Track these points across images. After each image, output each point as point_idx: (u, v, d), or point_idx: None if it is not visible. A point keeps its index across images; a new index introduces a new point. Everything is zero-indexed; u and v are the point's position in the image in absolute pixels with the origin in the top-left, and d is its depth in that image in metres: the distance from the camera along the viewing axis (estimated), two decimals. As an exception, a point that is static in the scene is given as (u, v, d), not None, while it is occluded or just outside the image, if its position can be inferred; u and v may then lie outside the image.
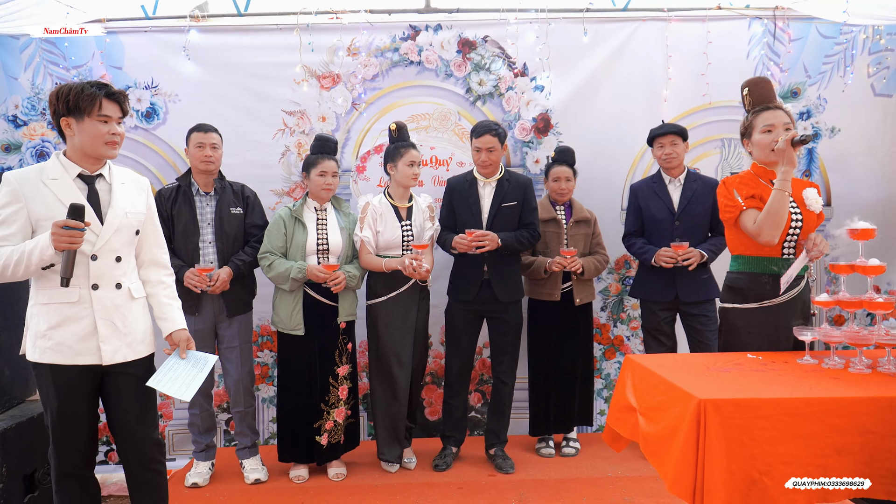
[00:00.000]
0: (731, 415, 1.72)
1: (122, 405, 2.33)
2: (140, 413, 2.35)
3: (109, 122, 2.23)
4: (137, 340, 2.34)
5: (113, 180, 2.32)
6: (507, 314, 3.55)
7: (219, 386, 3.90)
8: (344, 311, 3.42)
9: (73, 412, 2.25)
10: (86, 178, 2.27)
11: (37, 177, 2.21)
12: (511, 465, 3.54)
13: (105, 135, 2.22)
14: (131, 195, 2.35)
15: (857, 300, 2.15)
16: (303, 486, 3.38)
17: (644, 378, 2.18)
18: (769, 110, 2.52)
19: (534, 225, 3.55)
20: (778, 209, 2.36)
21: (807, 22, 4.07)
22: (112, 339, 2.26)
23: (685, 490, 1.73)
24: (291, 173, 4.03)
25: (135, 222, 2.35)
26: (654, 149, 3.65)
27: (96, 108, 2.19)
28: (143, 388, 2.33)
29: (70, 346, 2.22)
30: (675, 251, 3.42)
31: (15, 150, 3.97)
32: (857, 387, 1.87)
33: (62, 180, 2.22)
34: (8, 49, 3.93)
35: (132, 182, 2.40)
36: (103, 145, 2.23)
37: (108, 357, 2.25)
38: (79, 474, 2.32)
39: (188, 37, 3.94)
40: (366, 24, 3.99)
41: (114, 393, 2.32)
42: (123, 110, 2.27)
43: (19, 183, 2.19)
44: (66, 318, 2.22)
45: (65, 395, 2.24)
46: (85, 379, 2.26)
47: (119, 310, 2.28)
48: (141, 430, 2.36)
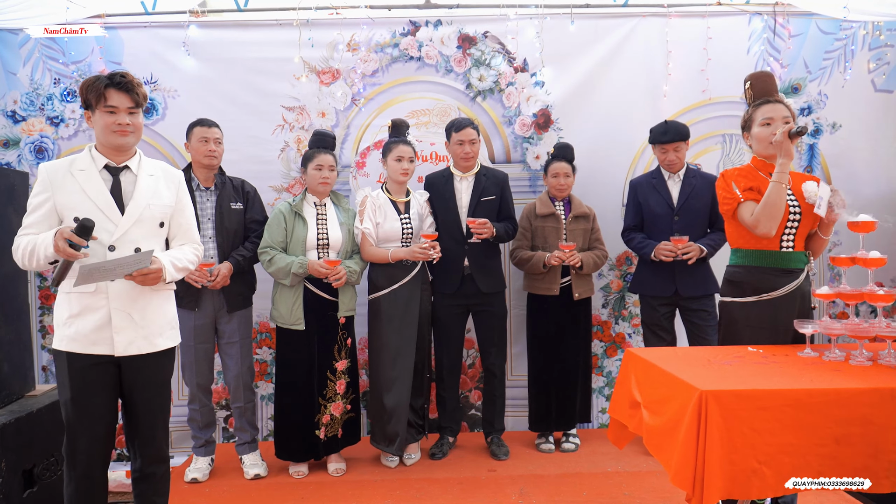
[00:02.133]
0: (732, 406, 1.72)
1: (136, 397, 2.32)
2: (153, 408, 2.35)
3: (117, 112, 2.24)
4: (155, 333, 2.33)
5: (140, 172, 2.33)
6: (492, 306, 3.65)
7: (217, 383, 3.90)
8: (344, 305, 3.42)
9: (86, 403, 2.25)
10: (111, 170, 2.30)
11: (67, 167, 2.26)
12: (505, 452, 3.65)
13: (112, 125, 2.24)
14: (158, 187, 2.36)
15: (858, 293, 2.14)
16: (302, 482, 3.37)
17: (646, 372, 2.17)
18: (769, 104, 2.51)
19: (514, 218, 3.72)
20: (775, 201, 2.36)
21: (807, 18, 4.07)
22: (126, 330, 2.26)
23: (686, 481, 1.73)
24: (290, 169, 4.03)
25: (158, 214, 2.34)
26: (656, 151, 3.65)
27: (102, 99, 2.22)
28: (158, 382, 2.34)
29: (86, 335, 2.23)
30: (675, 245, 3.42)
31: (13, 146, 3.96)
32: (857, 378, 1.87)
33: (89, 171, 2.26)
34: (7, 44, 3.93)
35: (162, 174, 2.41)
36: (111, 134, 2.25)
37: (121, 348, 2.25)
38: (90, 474, 2.29)
39: (187, 32, 3.94)
40: (366, 19, 3.99)
41: (129, 385, 2.32)
42: (134, 100, 2.26)
43: (49, 173, 2.25)
44: (84, 308, 2.23)
45: (79, 384, 2.24)
46: (101, 370, 2.26)
47: (136, 301, 2.28)
48: (151, 424, 2.35)
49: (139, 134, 2.33)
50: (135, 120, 2.28)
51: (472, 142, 3.57)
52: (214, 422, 3.60)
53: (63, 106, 3.96)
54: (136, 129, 2.29)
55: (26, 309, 3.25)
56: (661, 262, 3.52)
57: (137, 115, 2.29)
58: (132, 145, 2.32)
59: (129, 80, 2.25)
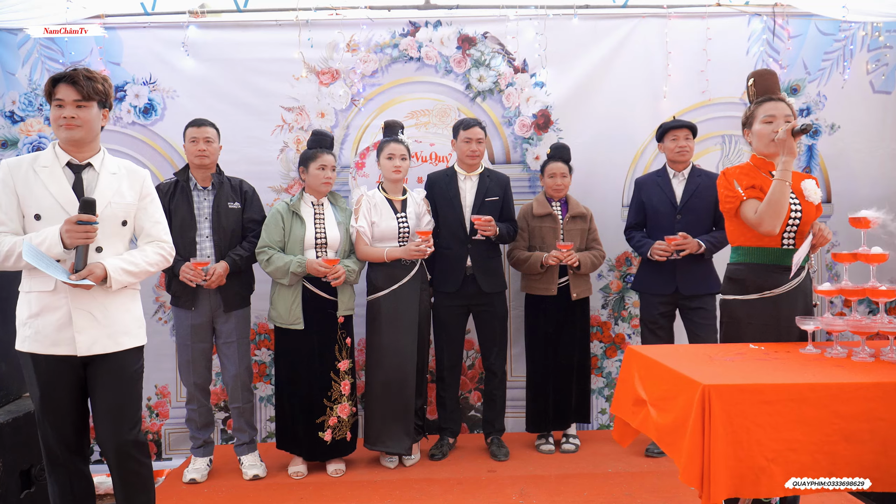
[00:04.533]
0: (735, 401, 1.71)
1: (101, 396, 2.29)
2: (118, 407, 2.30)
3: (64, 105, 2.22)
4: (120, 332, 2.29)
5: (102, 170, 2.31)
6: (493, 306, 3.66)
7: (216, 384, 3.88)
8: (343, 304, 3.41)
9: (55, 402, 2.24)
10: (74, 167, 2.28)
11: (29, 164, 2.25)
12: (505, 453, 3.64)
13: (58, 118, 2.23)
14: (120, 185, 2.33)
15: (859, 289, 2.14)
16: (301, 482, 3.36)
17: (649, 368, 2.16)
18: (771, 101, 2.51)
19: (515, 221, 3.73)
20: (779, 199, 2.36)
21: (806, 19, 4.08)
22: (89, 329, 2.22)
23: (694, 478, 1.71)
24: (290, 169, 4.02)
25: (119, 212, 2.31)
26: (665, 142, 3.63)
27: (51, 94, 2.24)
28: (125, 382, 2.30)
29: (47, 335, 2.21)
30: (669, 243, 3.43)
31: (12, 146, 3.96)
32: (860, 373, 1.86)
33: (52, 168, 2.25)
34: (6, 44, 3.92)
35: (126, 172, 2.38)
36: (59, 128, 2.24)
37: (84, 348, 2.22)
38: (66, 464, 2.30)
39: (187, 33, 3.94)
40: (365, 19, 4.00)
41: (94, 384, 2.29)
42: (81, 93, 2.22)
43: (11, 169, 2.24)
44: (44, 307, 2.21)
45: (46, 385, 2.23)
46: (65, 370, 2.24)
47: (98, 300, 2.24)
48: (118, 425, 2.29)
49: (89, 127, 2.26)
50: (83, 114, 2.23)
51: (479, 140, 3.60)
52: (213, 422, 3.58)
53: (62, 106, 3.95)
54: (84, 122, 2.24)
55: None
56: (662, 261, 3.52)
57: (87, 109, 2.24)
58: (82, 139, 2.26)
59: (76, 73, 2.22)
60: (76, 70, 2.24)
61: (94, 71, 2.29)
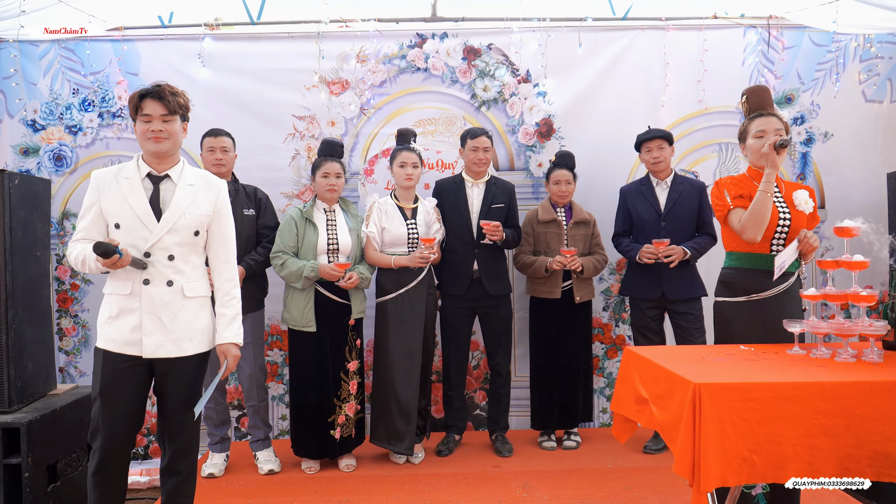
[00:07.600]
0: (724, 398, 1.85)
1: (165, 397, 2.43)
2: (179, 407, 2.42)
3: (151, 119, 2.33)
4: (185, 338, 2.39)
5: (180, 181, 2.41)
6: (499, 308, 3.80)
7: (230, 383, 4.02)
8: (355, 308, 3.55)
9: (113, 398, 2.34)
10: (154, 178, 2.39)
11: (114, 175, 2.38)
12: (509, 449, 3.77)
13: (146, 132, 2.34)
14: (196, 196, 2.42)
15: (842, 294, 2.28)
16: (315, 477, 3.50)
17: (647, 368, 2.30)
18: (762, 116, 2.66)
19: (519, 227, 3.87)
20: (760, 209, 2.51)
21: (800, 30, 4.21)
22: (156, 333, 2.34)
23: (686, 469, 1.86)
24: (301, 176, 4.16)
25: (193, 223, 2.40)
26: (642, 153, 3.79)
27: (138, 109, 2.35)
28: (186, 384, 2.41)
29: (121, 335, 2.34)
30: (657, 248, 3.56)
31: (33, 154, 4.10)
32: (841, 373, 2.00)
33: (132, 179, 2.36)
34: (27, 55, 4.06)
35: (203, 184, 2.46)
36: (147, 141, 2.35)
37: (149, 351, 2.34)
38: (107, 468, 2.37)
39: (203, 44, 4.08)
40: (374, 32, 4.14)
41: (160, 387, 2.43)
42: (167, 107, 2.33)
43: (98, 180, 2.38)
44: (121, 309, 2.35)
45: (108, 381, 2.35)
46: (132, 370, 2.36)
47: (168, 306, 2.36)
48: (178, 422, 2.44)
49: (175, 140, 2.38)
50: (169, 127, 2.36)
51: (486, 149, 3.73)
52: (229, 419, 3.72)
53: (81, 115, 4.10)
54: (170, 135, 2.36)
55: (48, 311, 3.37)
56: (648, 265, 3.65)
57: (172, 122, 2.36)
58: (168, 151, 2.38)
59: (162, 89, 2.34)
60: (161, 86, 2.35)
61: (175, 86, 2.40)
